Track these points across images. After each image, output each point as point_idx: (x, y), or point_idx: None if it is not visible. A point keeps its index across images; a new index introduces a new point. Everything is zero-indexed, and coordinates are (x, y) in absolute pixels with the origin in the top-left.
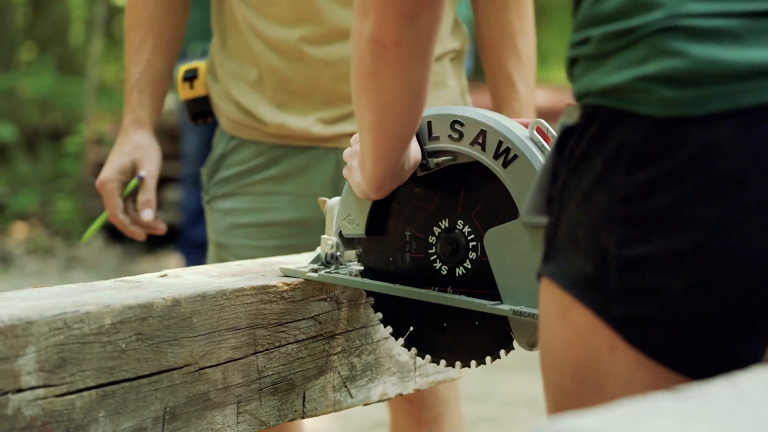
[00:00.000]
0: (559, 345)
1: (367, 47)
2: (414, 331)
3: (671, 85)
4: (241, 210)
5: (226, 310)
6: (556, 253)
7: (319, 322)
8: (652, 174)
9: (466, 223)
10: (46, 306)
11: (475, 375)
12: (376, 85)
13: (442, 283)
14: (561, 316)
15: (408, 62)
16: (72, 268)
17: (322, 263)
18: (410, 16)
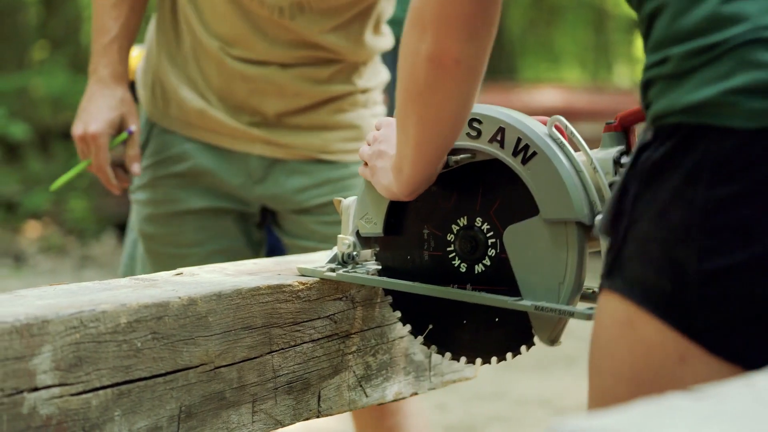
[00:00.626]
0: (619, 352)
1: (424, 65)
2: (433, 328)
3: (758, 96)
4: (158, 200)
5: (241, 309)
6: (623, 267)
7: (334, 321)
8: (737, 186)
9: (485, 221)
10: (62, 304)
11: (488, 375)
12: (428, 102)
13: (461, 280)
14: (626, 326)
15: (465, 79)
16: (85, 267)
17: (339, 263)
18: (471, 34)
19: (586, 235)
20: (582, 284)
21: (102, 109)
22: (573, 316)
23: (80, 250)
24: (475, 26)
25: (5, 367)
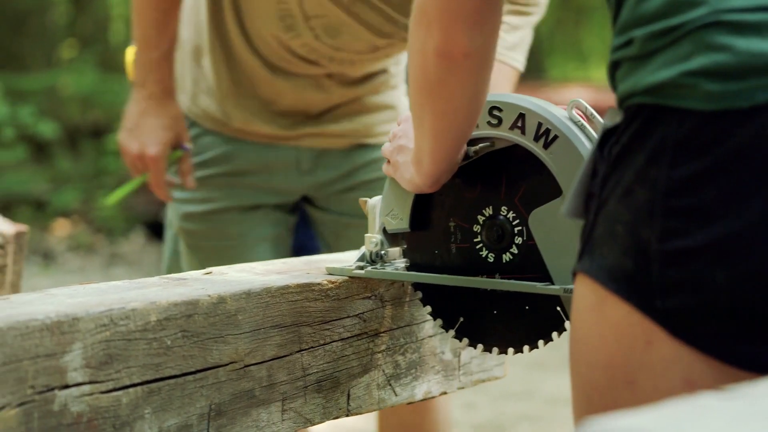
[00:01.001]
0: (592, 339)
1: (434, 61)
2: (464, 321)
3: (716, 79)
4: (198, 199)
5: (271, 307)
6: (593, 249)
7: (363, 320)
8: (697, 167)
9: (510, 209)
10: (92, 303)
11: (517, 374)
12: (440, 95)
13: (489, 270)
14: (595, 311)
15: (475, 70)
16: (114, 265)
17: (367, 261)
18: (478, 25)
19: None
20: None
21: (157, 129)
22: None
23: (109, 249)
24: (481, 17)
25: (36, 364)
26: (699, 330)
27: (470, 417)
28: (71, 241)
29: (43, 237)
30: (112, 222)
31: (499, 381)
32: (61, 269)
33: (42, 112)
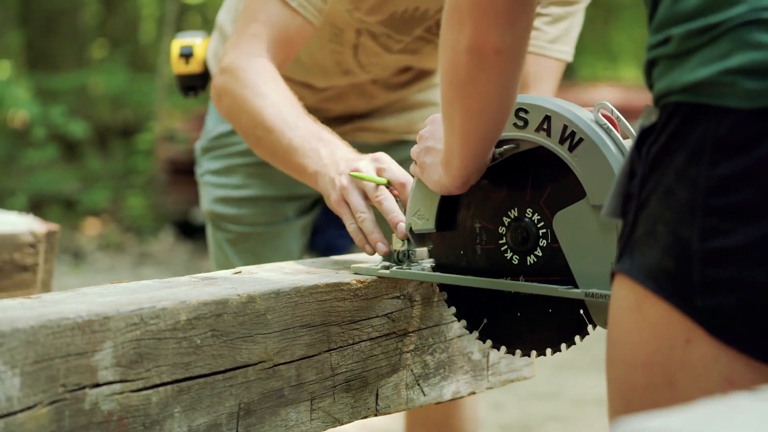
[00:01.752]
0: (631, 339)
1: (465, 58)
2: (488, 323)
3: (756, 77)
4: (233, 185)
5: (300, 306)
6: (633, 250)
7: (392, 319)
8: (736, 166)
9: (535, 211)
10: (122, 302)
11: (545, 375)
12: (471, 92)
13: (513, 273)
14: (634, 311)
15: (506, 68)
16: (143, 264)
17: (394, 261)
18: (510, 23)
19: None
20: None
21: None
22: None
23: (138, 248)
24: (514, 15)
25: (68, 363)
26: (738, 329)
27: (497, 417)
28: (101, 240)
29: (73, 236)
30: (142, 221)
31: (527, 381)
32: (91, 268)
33: (72, 112)
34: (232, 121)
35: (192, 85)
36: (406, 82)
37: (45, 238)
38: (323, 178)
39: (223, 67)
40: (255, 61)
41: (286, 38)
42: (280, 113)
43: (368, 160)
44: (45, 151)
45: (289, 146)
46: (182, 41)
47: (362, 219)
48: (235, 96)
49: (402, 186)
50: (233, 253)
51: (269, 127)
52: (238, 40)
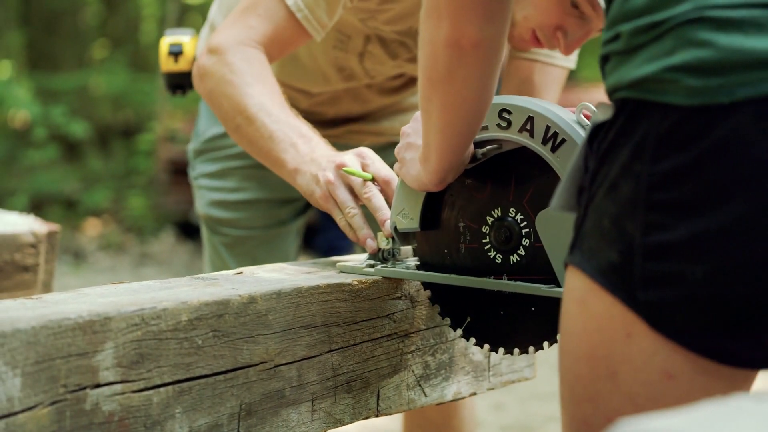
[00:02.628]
0: (576, 331)
1: (443, 52)
2: (471, 321)
3: (698, 74)
4: (228, 188)
5: (301, 307)
6: (582, 242)
7: (393, 320)
8: (677, 162)
9: (518, 211)
10: (123, 302)
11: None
12: (449, 88)
13: (497, 271)
14: (580, 303)
15: (484, 62)
16: (144, 265)
17: (379, 259)
18: (488, 16)
19: None
20: None
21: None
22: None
23: (139, 248)
24: (492, 9)
25: (69, 363)
26: (678, 323)
27: (499, 418)
28: (102, 240)
29: (74, 236)
30: (142, 221)
31: (528, 381)
32: (92, 268)
33: (73, 112)
34: (211, 103)
35: (180, 84)
36: (400, 87)
37: (46, 239)
38: (303, 175)
39: (212, 48)
40: (245, 48)
41: (281, 40)
42: (263, 104)
43: (353, 155)
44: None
45: (269, 138)
46: (171, 39)
47: (352, 214)
48: (220, 79)
49: (386, 182)
50: (230, 256)
51: (250, 116)
52: (232, 25)
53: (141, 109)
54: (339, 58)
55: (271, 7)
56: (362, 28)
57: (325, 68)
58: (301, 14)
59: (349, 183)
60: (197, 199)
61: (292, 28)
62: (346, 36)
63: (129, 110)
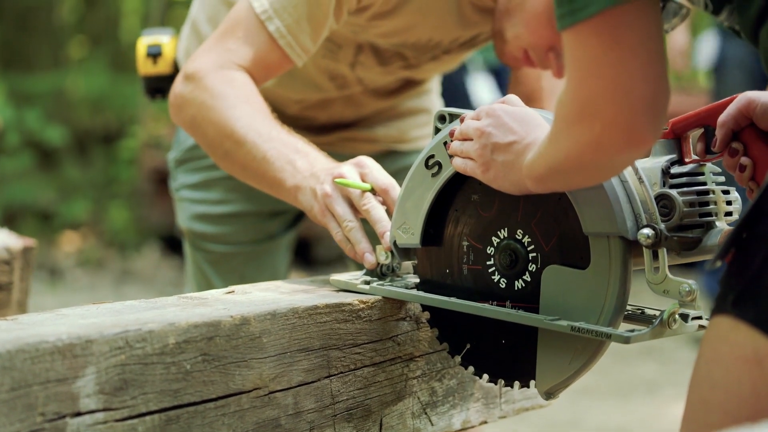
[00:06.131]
0: (741, 391)
1: (587, 155)
2: (471, 348)
3: None
4: (212, 200)
5: (297, 329)
6: (759, 296)
7: (397, 343)
8: None
9: (526, 233)
10: (106, 324)
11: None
12: (585, 179)
13: (500, 296)
14: (752, 363)
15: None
16: (126, 282)
17: (377, 275)
18: (660, 115)
19: (630, 251)
20: (625, 303)
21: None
22: (611, 338)
23: (121, 264)
24: (664, 107)
25: (47, 390)
26: None
27: None
28: (80, 255)
29: (50, 251)
30: (124, 235)
31: (544, 409)
32: (69, 286)
33: (49, 116)
34: (194, 132)
35: (160, 87)
36: (397, 90)
37: (21, 255)
38: (303, 192)
39: (188, 74)
40: (225, 71)
41: (263, 65)
42: (252, 124)
43: (351, 165)
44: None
45: (263, 159)
46: (149, 40)
47: (349, 228)
48: (201, 105)
49: (385, 192)
50: (215, 274)
51: (240, 139)
52: (210, 49)
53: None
54: (330, 67)
55: (251, 31)
56: (353, 38)
57: (316, 77)
58: (284, 41)
59: (347, 195)
60: (179, 213)
61: (274, 54)
62: (336, 45)
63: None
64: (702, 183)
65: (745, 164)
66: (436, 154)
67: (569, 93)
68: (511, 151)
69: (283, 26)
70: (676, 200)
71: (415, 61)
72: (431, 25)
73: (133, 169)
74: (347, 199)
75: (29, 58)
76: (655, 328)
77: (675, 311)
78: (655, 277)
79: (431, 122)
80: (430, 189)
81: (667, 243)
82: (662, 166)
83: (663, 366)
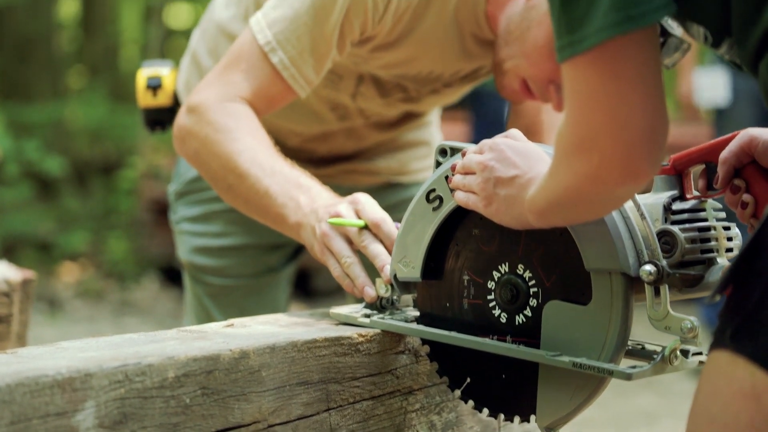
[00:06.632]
0: (738, 425)
1: (586, 188)
2: (471, 382)
3: None
4: (213, 233)
5: (297, 362)
6: (757, 331)
7: (396, 376)
8: None
9: (527, 268)
10: (105, 357)
11: None
12: (584, 214)
13: (501, 331)
14: (750, 398)
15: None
16: (125, 313)
17: (377, 308)
18: (659, 149)
19: (631, 287)
20: (627, 339)
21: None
22: (612, 375)
23: (120, 295)
24: (663, 140)
25: (46, 423)
26: None
27: None
28: (79, 286)
29: (49, 282)
30: (123, 266)
31: None
32: (69, 317)
33: (48, 147)
34: (198, 165)
35: (160, 120)
36: (397, 122)
37: (20, 287)
38: (305, 229)
39: (191, 107)
40: (228, 104)
41: (267, 97)
42: (255, 158)
43: (347, 203)
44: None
45: (265, 194)
46: (149, 72)
47: (348, 264)
48: (204, 138)
49: (376, 226)
50: (215, 307)
51: (243, 173)
52: (213, 82)
53: (122, 144)
54: (331, 97)
55: (255, 63)
56: (354, 69)
57: (317, 107)
58: (287, 72)
59: (345, 233)
60: (179, 245)
61: (277, 86)
62: (337, 76)
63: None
64: (703, 219)
65: (747, 201)
66: (437, 188)
67: (568, 125)
68: (513, 185)
69: (286, 58)
70: (678, 236)
71: (415, 93)
72: (433, 57)
73: (132, 200)
74: (345, 236)
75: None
76: (656, 365)
77: (676, 347)
78: (657, 314)
79: (431, 154)
80: (431, 223)
81: (669, 280)
82: (664, 202)
83: (662, 398)
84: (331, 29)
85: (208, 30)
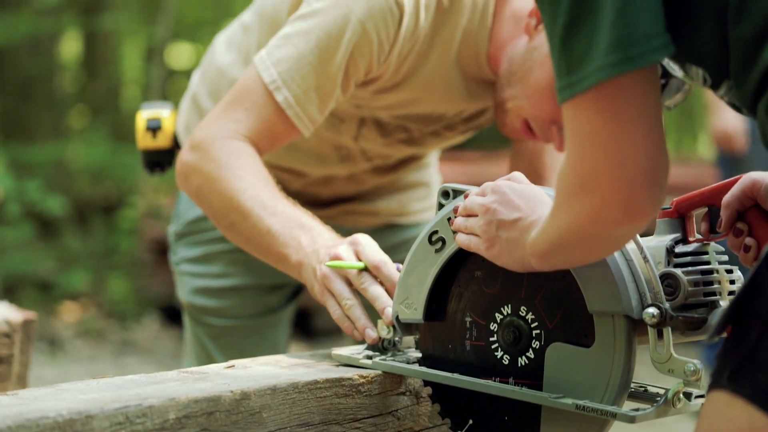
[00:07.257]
0: None
1: (587, 228)
2: (473, 424)
3: None
4: (213, 274)
5: (298, 404)
6: (755, 372)
7: (397, 417)
8: None
9: (529, 310)
10: (106, 399)
11: None
12: (587, 255)
13: (503, 373)
14: None
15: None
16: (126, 353)
17: (378, 349)
18: (661, 187)
19: (634, 330)
20: (629, 382)
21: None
22: (615, 417)
23: (121, 335)
24: (664, 179)
25: None
26: None
27: None
28: (80, 326)
29: (50, 322)
30: (124, 305)
31: None
32: (69, 357)
33: (49, 186)
34: (200, 202)
35: (159, 161)
36: (397, 165)
37: (21, 328)
38: (306, 269)
39: (195, 144)
40: (231, 141)
41: (270, 135)
42: (257, 197)
43: (346, 244)
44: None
45: (267, 233)
46: (148, 113)
47: (348, 306)
48: (207, 176)
49: (376, 268)
50: (215, 348)
51: (246, 211)
52: (217, 118)
53: (123, 183)
54: (333, 138)
55: (259, 101)
56: (357, 113)
57: (319, 147)
58: (292, 111)
59: (345, 275)
60: (179, 286)
61: (281, 124)
62: (339, 120)
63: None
64: (706, 262)
65: (749, 245)
66: (439, 230)
67: (569, 165)
68: (515, 228)
69: (291, 96)
70: (681, 279)
71: (418, 134)
72: (436, 98)
73: (133, 240)
74: (344, 278)
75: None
76: (659, 408)
77: (679, 390)
78: (660, 356)
79: (430, 195)
80: (434, 265)
81: (672, 322)
82: (667, 244)
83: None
84: (335, 69)
85: (209, 72)
